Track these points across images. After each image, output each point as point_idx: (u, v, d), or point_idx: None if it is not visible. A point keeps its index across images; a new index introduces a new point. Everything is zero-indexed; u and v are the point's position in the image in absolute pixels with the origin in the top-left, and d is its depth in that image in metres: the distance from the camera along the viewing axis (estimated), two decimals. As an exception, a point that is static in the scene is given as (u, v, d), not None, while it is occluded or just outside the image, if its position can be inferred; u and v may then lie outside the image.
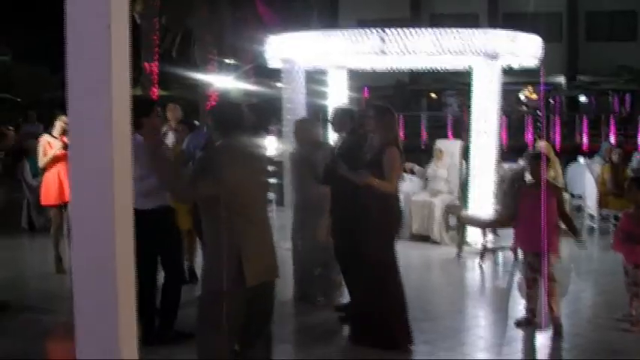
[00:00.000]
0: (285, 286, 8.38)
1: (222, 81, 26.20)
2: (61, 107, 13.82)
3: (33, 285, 10.08)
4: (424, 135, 25.70)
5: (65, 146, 10.00)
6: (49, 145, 10.16)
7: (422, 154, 18.45)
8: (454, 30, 11.43)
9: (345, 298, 8.53)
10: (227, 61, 29.11)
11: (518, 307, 8.32)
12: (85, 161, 2.63)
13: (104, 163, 2.60)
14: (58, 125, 10.26)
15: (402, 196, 12.38)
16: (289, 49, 12.36)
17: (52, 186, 10.19)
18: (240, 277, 4.82)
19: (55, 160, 10.13)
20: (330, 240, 8.16)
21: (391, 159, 7.06)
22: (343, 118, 8.46)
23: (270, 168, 7.63)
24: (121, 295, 2.66)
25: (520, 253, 8.80)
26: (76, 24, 2.60)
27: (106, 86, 2.58)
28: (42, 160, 10.26)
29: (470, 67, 12.47)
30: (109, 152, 2.60)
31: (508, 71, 12.77)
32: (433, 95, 32.39)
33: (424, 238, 12.52)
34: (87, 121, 2.62)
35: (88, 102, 2.62)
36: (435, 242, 12.38)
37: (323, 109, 13.44)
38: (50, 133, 10.39)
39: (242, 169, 4.98)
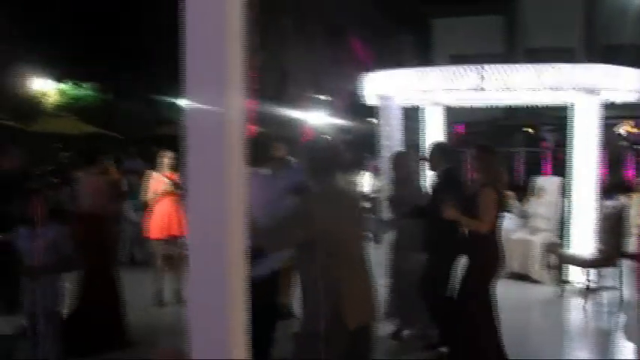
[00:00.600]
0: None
1: (318, 118, 26.41)
2: (160, 143, 14.12)
3: (134, 318, 10.26)
4: (520, 171, 25.28)
5: (174, 184, 10.36)
6: (156, 182, 10.52)
7: (518, 191, 18.17)
8: (554, 65, 11.28)
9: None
10: (322, 97, 29.40)
11: (624, 350, 8.07)
12: (201, 196, 2.70)
13: (219, 199, 2.67)
14: (165, 161, 10.60)
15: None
16: (386, 86, 12.39)
17: (158, 220, 10.51)
18: (339, 320, 4.78)
19: (163, 195, 10.49)
20: (425, 277, 8.12)
21: (485, 200, 6.96)
22: (438, 155, 8.42)
23: (367, 205, 7.63)
24: (232, 326, 2.70)
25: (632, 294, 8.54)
26: (194, 63, 2.68)
27: (221, 125, 2.65)
28: (149, 196, 10.61)
29: (569, 102, 12.27)
30: (223, 189, 2.66)
31: (608, 105, 12.51)
32: (529, 131, 31.87)
33: (523, 277, 12.28)
34: (203, 159, 2.69)
35: (203, 140, 2.69)
36: (534, 281, 12.13)
37: (419, 146, 13.40)
38: (155, 169, 10.75)
39: (339, 210, 4.97)
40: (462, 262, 7.48)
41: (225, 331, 2.73)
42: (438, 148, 8.61)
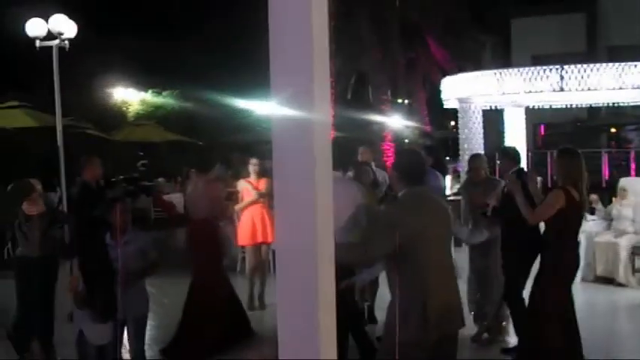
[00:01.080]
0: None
1: (397, 121, 26.34)
2: (240, 150, 14.27)
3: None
4: (605, 172, 24.80)
5: (260, 193, 10.55)
6: (246, 191, 10.72)
7: (604, 193, 17.82)
8: (636, 64, 11.03)
9: (513, 337, 8.37)
10: (400, 101, 29.30)
11: None
12: (290, 202, 2.73)
13: (307, 205, 2.69)
14: (251, 169, 10.79)
15: (584, 237, 12.14)
16: (465, 89, 12.31)
17: (247, 227, 10.71)
18: (423, 328, 4.76)
19: (250, 203, 10.72)
20: (501, 277, 8.10)
21: (549, 197, 6.99)
22: (507, 158, 8.41)
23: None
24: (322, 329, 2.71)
25: None
26: (280, 69, 2.71)
27: (308, 132, 2.67)
28: (239, 205, 10.87)
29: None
30: (312, 195, 2.68)
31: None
32: (613, 130, 31.24)
33: (609, 281, 12.02)
34: (290, 165, 2.72)
35: (291, 147, 2.72)
36: (620, 285, 11.86)
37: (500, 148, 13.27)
38: (240, 176, 10.96)
39: (426, 218, 4.94)
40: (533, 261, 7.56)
41: (315, 335, 2.74)
42: (505, 151, 8.63)
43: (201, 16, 30.32)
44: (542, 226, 7.24)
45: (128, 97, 28.74)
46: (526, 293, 7.57)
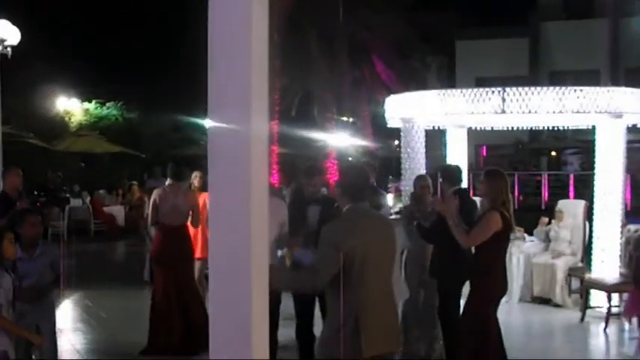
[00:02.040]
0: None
1: (341, 139, 26.43)
2: (185, 163, 14.21)
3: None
4: (545, 195, 25.17)
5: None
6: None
7: (543, 214, 18.07)
8: (577, 88, 11.21)
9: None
10: (345, 119, 29.40)
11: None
12: (224, 216, 2.71)
13: (242, 216, 2.68)
14: (195, 182, 10.73)
15: (522, 258, 12.28)
16: (409, 108, 12.38)
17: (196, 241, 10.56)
18: (356, 348, 4.72)
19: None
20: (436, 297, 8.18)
21: (484, 220, 6.90)
22: (447, 177, 8.47)
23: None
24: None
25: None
26: (218, 83, 2.70)
27: (244, 145, 2.66)
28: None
29: (592, 125, 12.20)
30: (247, 207, 2.67)
31: (632, 129, 12.43)
32: (553, 154, 31.75)
33: (545, 301, 12.19)
34: (226, 178, 2.70)
35: (227, 160, 2.71)
36: (557, 305, 12.03)
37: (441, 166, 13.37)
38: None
39: (368, 234, 4.92)
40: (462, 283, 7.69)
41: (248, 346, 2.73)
42: (445, 170, 8.67)
43: (148, 29, 30.17)
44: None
45: (71, 107, 28.41)
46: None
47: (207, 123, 2.81)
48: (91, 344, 9.88)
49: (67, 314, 11.62)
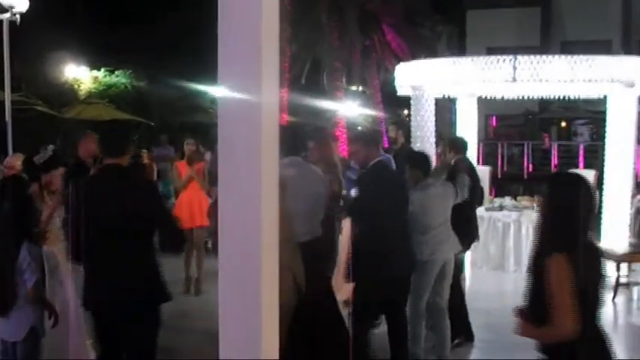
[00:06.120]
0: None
1: (350, 108, 26.35)
2: (192, 131, 14.17)
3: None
4: (554, 165, 25.14)
5: (195, 172, 10.43)
6: (181, 170, 10.60)
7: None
8: (588, 57, 11.14)
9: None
10: (355, 88, 29.30)
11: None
12: (234, 184, 2.69)
13: (253, 186, 2.65)
14: (187, 150, 10.69)
15: (531, 227, 12.25)
16: (419, 76, 12.32)
17: (183, 210, 10.49)
18: None
19: (186, 184, 10.52)
20: None
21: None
22: (458, 146, 8.49)
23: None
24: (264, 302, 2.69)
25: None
26: (227, 47, 2.67)
27: (255, 114, 2.64)
28: (175, 184, 10.72)
29: (604, 95, 12.13)
30: (257, 177, 2.65)
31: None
32: (563, 124, 31.62)
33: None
34: (236, 144, 2.68)
35: (236, 129, 2.68)
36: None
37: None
38: (182, 158, 10.81)
39: None
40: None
41: (258, 331, 2.71)
42: (452, 140, 8.80)
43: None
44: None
45: (80, 75, 28.35)
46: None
47: (217, 91, 2.79)
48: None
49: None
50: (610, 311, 10.38)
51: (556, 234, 3.94)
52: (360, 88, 29.71)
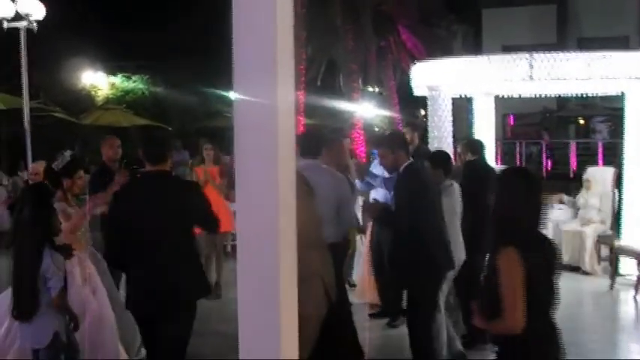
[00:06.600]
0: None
1: (367, 109, 26.33)
2: (210, 135, 14.18)
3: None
4: (573, 163, 25.01)
5: (212, 177, 10.46)
6: (200, 175, 10.65)
7: (571, 183, 17.94)
8: (605, 54, 11.08)
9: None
10: (371, 89, 29.27)
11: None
12: (251, 188, 2.69)
13: (270, 189, 2.66)
14: (206, 155, 10.75)
15: (551, 226, 12.21)
16: (435, 76, 12.29)
17: None
18: None
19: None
20: None
21: None
22: (473, 147, 8.52)
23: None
24: (283, 310, 2.69)
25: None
26: (241, 50, 2.68)
27: (270, 118, 2.64)
28: None
29: (621, 91, 12.06)
30: (273, 183, 2.65)
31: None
32: (581, 122, 31.46)
33: (575, 269, 12.12)
34: (253, 148, 2.68)
35: (253, 135, 2.69)
36: (586, 273, 11.97)
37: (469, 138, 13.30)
38: (200, 162, 10.86)
39: None
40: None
41: (277, 330, 2.71)
42: (468, 141, 8.82)
43: (173, 3, 30.13)
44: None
45: (97, 81, 28.50)
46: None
47: (233, 95, 2.79)
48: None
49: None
50: (631, 309, 10.34)
51: (505, 228, 4.05)
52: (377, 90, 29.69)
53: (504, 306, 3.89)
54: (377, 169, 9.06)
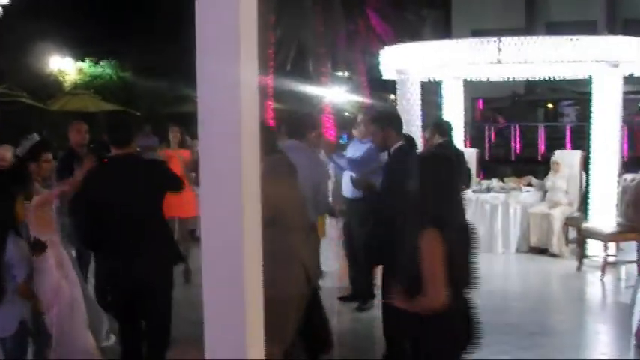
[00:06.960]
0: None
1: (336, 93, 26.29)
2: (178, 120, 14.11)
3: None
4: (541, 146, 25.19)
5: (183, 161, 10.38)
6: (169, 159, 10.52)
7: (539, 166, 18.08)
8: (572, 37, 11.15)
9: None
10: (340, 73, 29.22)
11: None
12: (215, 170, 2.67)
13: (234, 173, 2.64)
14: (172, 139, 10.66)
15: (519, 208, 12.30)
16: (404, 60, 12.31)
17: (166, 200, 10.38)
18: None
19: None
20: None
21: None
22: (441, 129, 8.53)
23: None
24: (248, 298, 2.68)
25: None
26: (204, 39, 2.66)
27: (236, 101, 2.62)
28: None
29: (589, 75, 12.15)
30: (238, 162, 2.63)
31: (629, 79, 12.38)
32: (549, 106, 31.64)
33: (542, 251, 12.24)
34: (217, 131, 2.66)
35: (216, 116, 2.67)
36: (553, 255, 12.08)
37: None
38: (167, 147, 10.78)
39: None
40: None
41: (242, 327, 2.70)
42: (436, 123, 8.82)
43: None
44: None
45: (65, 66, 28.23)
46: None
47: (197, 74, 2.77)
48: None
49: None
50: (598, 290, 10.45)
51: (427, 210, 4.20)
52: (346, 74, 29.65)
53: (427, 285, 4.03)
54: (351, 150, 9.06)
